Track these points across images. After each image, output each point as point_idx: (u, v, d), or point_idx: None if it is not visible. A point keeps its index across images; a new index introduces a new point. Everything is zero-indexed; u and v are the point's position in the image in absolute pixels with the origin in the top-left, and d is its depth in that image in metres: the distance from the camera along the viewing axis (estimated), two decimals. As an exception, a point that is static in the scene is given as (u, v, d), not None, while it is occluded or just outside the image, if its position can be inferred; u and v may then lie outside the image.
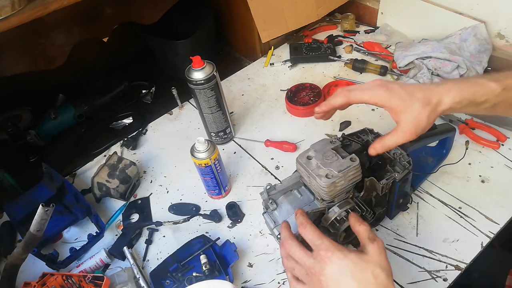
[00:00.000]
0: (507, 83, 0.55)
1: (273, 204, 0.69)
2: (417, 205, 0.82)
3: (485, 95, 0.55)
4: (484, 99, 0.55)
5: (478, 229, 0.76)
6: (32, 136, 1.07)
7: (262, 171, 0.95)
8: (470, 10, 1.05)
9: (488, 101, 0.56)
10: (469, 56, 1.01)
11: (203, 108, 0.93)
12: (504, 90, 0.55)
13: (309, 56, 1.21)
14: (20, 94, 1.16)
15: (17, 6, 0.77)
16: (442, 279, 0.70)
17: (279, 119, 1.07)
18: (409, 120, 0.56)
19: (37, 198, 0.88)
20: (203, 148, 0.79)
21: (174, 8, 1.16)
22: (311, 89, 1.08)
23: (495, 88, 0.55)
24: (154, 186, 0.95)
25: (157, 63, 1.33)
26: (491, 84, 0.55)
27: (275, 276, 0.75)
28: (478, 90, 0.55)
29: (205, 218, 0.85)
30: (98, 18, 1.10)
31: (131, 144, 1.05)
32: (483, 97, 0.55)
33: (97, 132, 1.14)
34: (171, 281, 0.74)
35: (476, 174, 0.85)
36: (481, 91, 0.55)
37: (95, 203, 0.92)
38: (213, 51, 1.35)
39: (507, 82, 0.56)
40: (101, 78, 1.30)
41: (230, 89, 1.19)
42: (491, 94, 0.55)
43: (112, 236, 0.86)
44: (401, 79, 1.04)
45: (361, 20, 1.34)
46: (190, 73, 0.86)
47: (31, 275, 0.80)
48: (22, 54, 0.98)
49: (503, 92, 0.55)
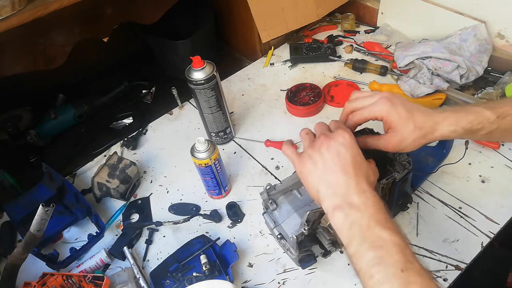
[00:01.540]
0: (502, 111, 0.58)
1: (273, 204, 0.69)
2: (417, 205, 0.82)
3: (481, 123, 0.58)
4: (480, 127, 0.58)
5: (478, 229, 0.76)
6: (32, 136, 1.07)
7: (262, 171, 0.95)
8: (470, 10, 1.05)
9: (483, 128, 0.59)
10: (469, 56, 1.01)
11: (203, 108, 0.93)
12: (498, 118, 0.58)
13: (309, 56, 1.21)
14: (20, 94, 1.16)
15: (17, 6, 0.77)
16: (442, 279, 0.70)
17: (279, 119, 1.07)
18: (395, 135, 0.59)
19: (37, 198, 0.88)
20: (203, 148, 0.79)
21: (174, 8, 1.15)
22: (311, 89, 1.08)
23: (490, 116, 0.58)
24: (154, 186, 0.95)
25: (157, 63, 1.33)
26: (486, 112, 0.58)
27: (275, 276, 0.75)
28: (474, 119, 0.58)
29: (205, 218, 0.85)
30: (98, 18, 1.10)
31: (131, 144, 1.05)
32: (479, 125, 0.58)
33: (97, 132, 1.14)
34: (171, 281, 0.74)
35: (476, 174, 0.85)
36: (477, 119, 0.58)
37: (95, 203, 0.92)
38: (213, 51, 1.35)
39: (501, 110, 0.58)
40: (101, 78, 1.29)
41: (230, 89, 1.19)
42: (486, 122, 0.58)
43: (112, 236, 0.86)
44: (401, 79, 1.04)
45: (361, 20, 1.34)
46: (190, 73, 0.86)
47: (31, 275, 0.80)
48: (22, 54, 0.98)
49: (498, 119, 0.58)
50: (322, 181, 0.56)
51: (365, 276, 0.48)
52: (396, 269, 0.46)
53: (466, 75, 0.99)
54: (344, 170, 0.54)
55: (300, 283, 0.74)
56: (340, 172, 0.54)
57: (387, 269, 0.47)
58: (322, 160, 0.56)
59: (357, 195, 0.53)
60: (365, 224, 0.50)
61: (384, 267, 0.47)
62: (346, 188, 0.53)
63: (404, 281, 0.45)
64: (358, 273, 0.49)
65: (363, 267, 0.48)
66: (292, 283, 0.74)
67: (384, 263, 0.47)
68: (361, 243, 0.50)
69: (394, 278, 0.46)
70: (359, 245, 0.50)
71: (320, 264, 0.74)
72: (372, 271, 0.47)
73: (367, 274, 0.48)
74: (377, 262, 0.48)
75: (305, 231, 0.62)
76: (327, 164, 0.55)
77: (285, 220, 0.68)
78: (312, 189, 0.57)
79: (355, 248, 0.50)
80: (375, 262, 0.48)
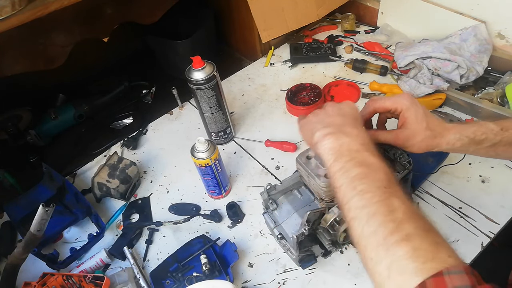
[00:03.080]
0: (506, 125, 0.60)
1: (273, 204, 0.69)
2: (417, 205, 0.82)
3: (484, 133, 0.60)
4: (484, 138, 0.60)
5: (478, 229, 0.76)
6: (32, 136, 1.07)
7: (262, 171, 0.95)
8: (471, 10, 1.05)
9: (487, 139, 0.60)
10: (469, 56, 1.01)
11: (203, 108, 0.93)
12: (502, 130, 0.60)
13: (309, 56, 1.21)
14: (20, 94, 1.16)
15: (17, 6, 0.77)
16: (442, 279, 0.70)
17: (279, 119, 1.07)
18: (408, 131, 0.61)
19: (37, 198, 0.88)
20: (203, 148, 0.79)
21: (174, 8, 1.16)
22: (311, 89, 1.08)
23: (494, 128, 0.60)
24: (154, 186, 0.95)
25: (158, 63, 1.33)
26: (490, 124, 0.60)
27: (275, 276, 0.75)
28: (477, 129, 0.60)
29: (205, 218, 0.85)
30: (98, 18, 1.10)
31: (131, 144, 1.05)
32: (482, 136, 0.60)
33: (97, 132, 1.14)
34: (171, 281, 0.74)
35: (476, 174, 0.85)
36: (480, 130, 0.60)
37: (95, 203, 0.92)
38: (213, 51, 1.35)
39: (505, 124, 0.60)
40: (101, 78, 1.30)
41: (230, 89, 1.19)
42: (490, 133, 0.60)
43: (112, 236, 0.86)
44: (402, 79, 1.04)
45: (361, 20, 1.34)
46: (190, 73, 0.86)
47: (31, 275, 0.80)
48: (22, 54, 0.98)
49: (501, 132, 0.60)
50: (318, 123, 0.58)
51: (347, 189, 0.49)
52: (380, 184, 0.48)
53: (466, 75, 0.99)
54: (343, 116, 0.58)
55: (300, 283, 0.74)
56: (338, 117, 0.58)
57: (371, 183, 0.48)
58: (323, 112, 0.61)
59: (350, 127, 0.55)
60: (355, 149, 0.53)
61: (369, 181, 0.48)
62: (341, 123, 0.57)
63: (386, 194, 0.47)
64: (338, 189, 0.50)
65: (345, 181, 0.50)
66: (292, 283, 0.74)
67: (369, 177, 0.49)
68: (347, 161, 0.51)
69: (377, 190, 0.47)
70: (345, 162, 0.51)
71: (320, 264, 0.74)
72: (355, 183, 0.49)
73: (350, 186, 0.49)
74: (362, 176, 0.49)
75: (305, 231, 0.62)
76: (328, 113, 0.60)
77: (286, 220, 0.68)
78: (308, 133, 0.60)
79: (340, 166, 0.51)
80: (360, 177, 0.49)
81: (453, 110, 0.99)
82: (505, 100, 0.94)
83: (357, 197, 0.48)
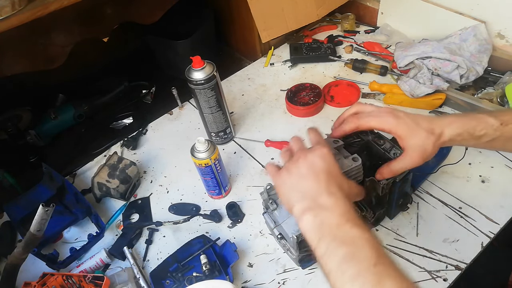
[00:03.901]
0: (505, 119, 0.59)
1: (273, 204, 0.69)
2: (417, 205, 0.82)
3: (484, 129, 0.59)
4: (483, 133, 0.59)
5: (478, 229, 0.76)
6: (32, 136, 1.07)
7: (262, 171, 0.95)
8: (470, 10, 1.05)
9: (487, 135, 0.60)
10: (469, 56, 1.01)
11: (203, 108, 0.93)
12: (501, 125, 0.59)
13: (309, 56, 1.21)
14: (20, 94, 1.16)
15: (17, 6, 0.77)
16: (442, 279, 0.70)
17: (279, 119, 1.07)
18: (416, 147, 0.59)
19: (37, 198, 0.88)
20: (203, 148, 0.79)
21: (174, 8, 1.15)
22: (311, 89, 1.08)
23: (493, 123, 0.59)
24: (154, 186, 0.95)
25: (157, 63, 1.33)
26: (490, 119, 0.60)
27: (275, 276, 0.75)
28: (477, 124, 0.59)
29: (205, 218, 0.85)
30: (98, 18, 1.10)
31: (131, 144, 1.05)
32: (482, 131, 0.59)
33: (97, 132, 1.14)
34: (171, 281, 0.74)
35: (476, 174, 0.85)
36: (480, 125, 0.59)
37: (95, 203, 0.92)
38: (213, 51, 1.35)
39: (505, 118, 0.60)
40: (101, 78, 1.29)
41: (230, 89, 1.19)
42: (490, 128, 0.59)
43: (112, 236, 0.86)
44: (401, 79, 1.04)
45: (361, 20, 1.34)
46: (190, 73, 0.86)
47: (31, 275, 0.80)
48: (22, 54, 0.98)
49: (501, 127, 0.59)
50: (293, 189, 0.56)
51: (336, 275, 0.47)
52: (368, 263, 0.45)
53: (466, 75, 0.99)
54: (316, 177, 0.55)
55: (300, 283, 0.74)
56: (312, 178, 0.55)
57: (359, 264, 0.46)
58: (297, 171, 0.57)
59: (326, 196, 0.52)
60: (335, 223, 0.50)
61: (356, 262, 0.46)
62: (315, 191, 0.54)
63: (377, 276, 0.45)
64: (328, 275, 0.48)
65: (333, 266, 0.47)
66: (292, 283, 0.74)
67: (356, 258, 0.46)
68: (331, 242, 0.49)
69: (367, 272, 0.45)
70: (329, 243, 0.48)
71: (320, 264, 0.74)
72: (343, 268, 0.46)
73: (339, 272, 0.46)
74: (348, 258, 0.47)
75: (305, 231, 0.62)
76: (301, 173, 0.56)
77: (285, 220, 0.68)
78: (284, 198, 0.57)
79: (325, 248, 0.49)
80: (346, 259, 0.47)
81: (453, 110, 1.00)
82: (505, 100, 0.94)
83: (348, 284, 0.45)
